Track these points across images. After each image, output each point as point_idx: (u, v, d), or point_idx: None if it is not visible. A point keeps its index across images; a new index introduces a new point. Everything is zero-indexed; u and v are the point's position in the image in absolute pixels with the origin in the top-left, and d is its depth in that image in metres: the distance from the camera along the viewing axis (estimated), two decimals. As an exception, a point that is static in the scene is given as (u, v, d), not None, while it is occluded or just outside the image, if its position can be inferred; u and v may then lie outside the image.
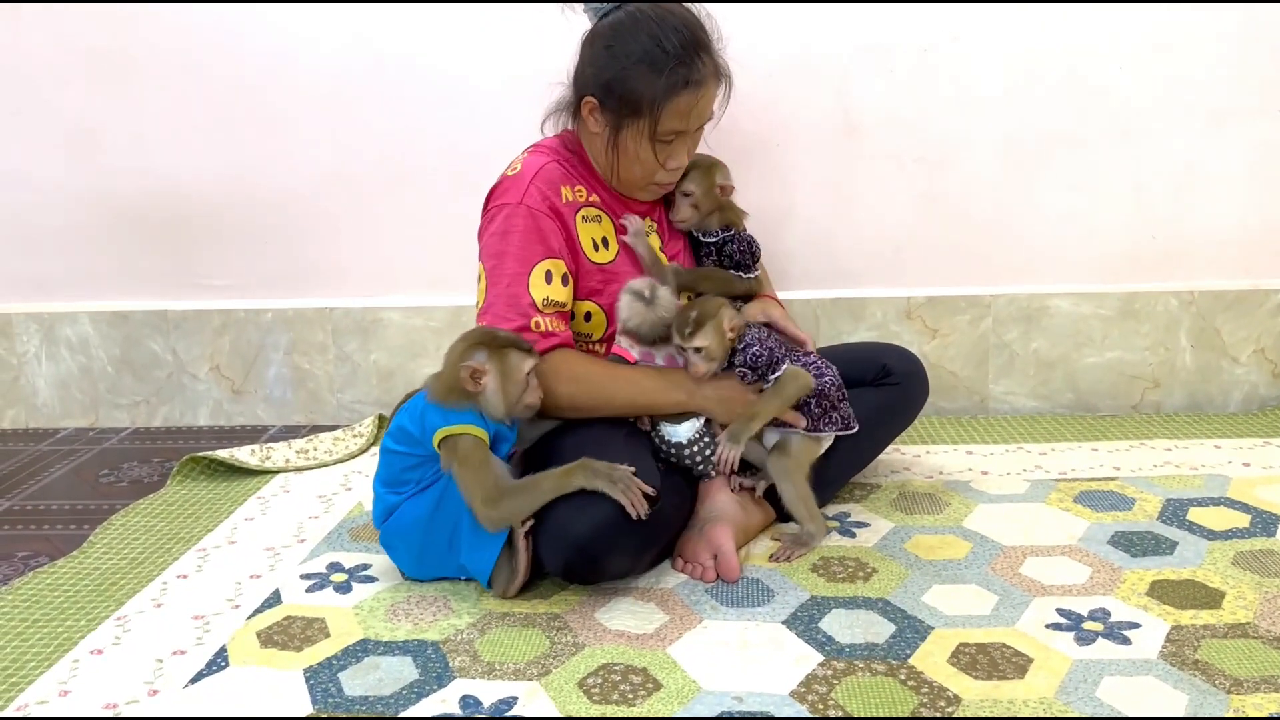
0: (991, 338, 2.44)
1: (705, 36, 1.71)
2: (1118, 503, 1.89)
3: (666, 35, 1.67)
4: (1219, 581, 1.58)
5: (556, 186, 1.76)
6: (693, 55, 1.68)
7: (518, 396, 1.58)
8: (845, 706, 1.29)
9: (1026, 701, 1.29)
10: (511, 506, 1.54)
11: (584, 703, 1.32)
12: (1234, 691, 1.29)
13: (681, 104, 1.68)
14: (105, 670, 1.44)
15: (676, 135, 1.72)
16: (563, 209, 1.75)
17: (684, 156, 1.77)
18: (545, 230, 1.72)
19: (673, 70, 1.66)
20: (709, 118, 1.76)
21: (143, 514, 1.98)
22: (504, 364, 1.57)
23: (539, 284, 1.71)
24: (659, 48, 1.66)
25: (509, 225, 1.72)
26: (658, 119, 1.69)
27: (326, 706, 1.33)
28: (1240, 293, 2.40)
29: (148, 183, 2.49)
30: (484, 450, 1.56)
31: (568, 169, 1.79)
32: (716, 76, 1.74)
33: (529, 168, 1.76)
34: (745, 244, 1.86)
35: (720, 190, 1.84)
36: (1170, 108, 2.33)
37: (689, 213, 1.84)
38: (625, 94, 1.69)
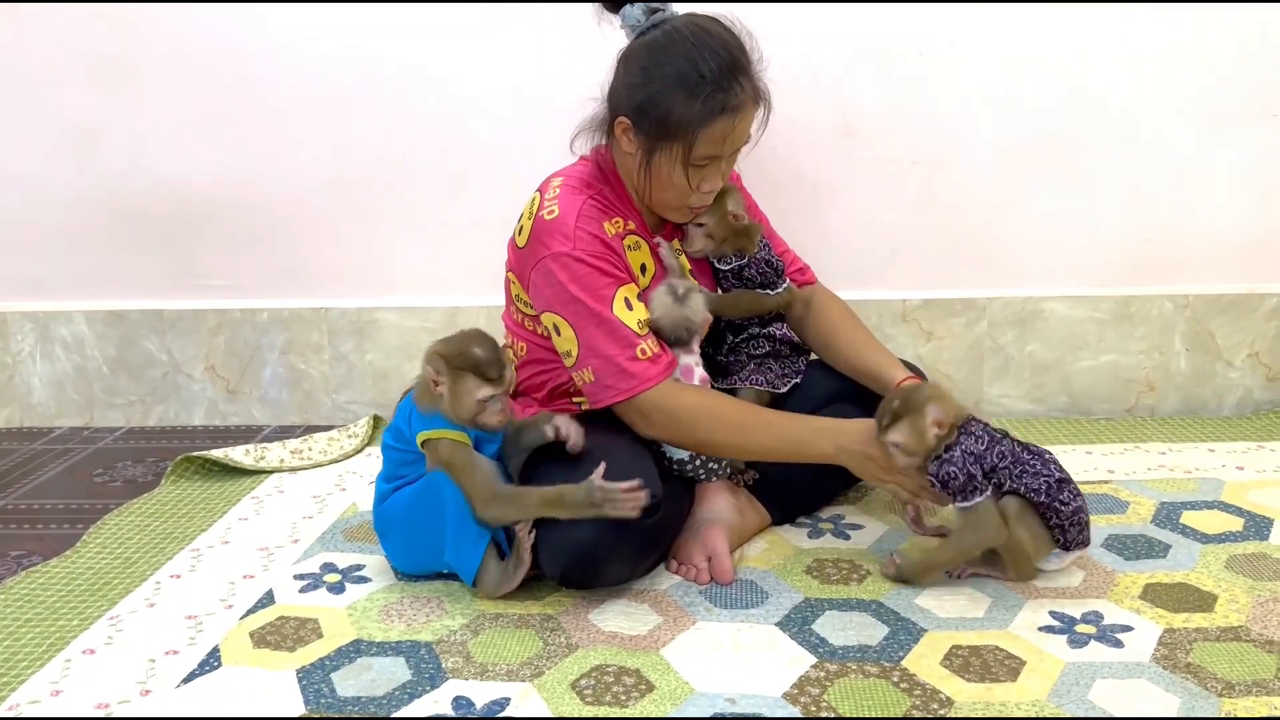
0: (987, 340, 2.44)
1: (745, 59, 1.64)
2: (1112, 506, 1.89)
3: (704, 58, 1.59)
4: (1212, 585, 1.58)
5: (599, 224, 1.68)
6: (731, 79, 1.60)
7: (468, 418, 1.56)
8: (838, 708, 1.29)
9: (1019, 704, 1.29)
10: (499, 512, 1.55)
11: (576, 704, 1.32)
12: (1225, 695, 1.30)
13: (717, 130, 1.61)
14: (97, 670, 1.43)
15: (711, 160, 1.66)
16: (611, 242, 1.69)
17: (718, 180, 1.70)
18: (606, 266, 1.66)
19: (710, 95, 1.59)
20: (745, 141, 1.70)
21: (136, 513, 1.98)
22: (456, 383, 1.55)
23: (624, 312, 1.65)
24: (696, 71, 1.59)
25: (569, 274, 1.64)
26: (692, 144, 1.61)
27: (319, 707, 1.33)
28: (1235, 297, 2.41)
29: (144, 183, 2.49)
30: (466, 452, 1.56)
31: (602, 203, 1.72)
32: (755, 100, 1.65)
33: (568, 210, 1.67)
34: (763, 264, 1.83)
35: (733, 218, 1.79)
36: (1167, 111, 2.33)
37: (703, 242, 1.80)
38: (659, 118, 1.61)
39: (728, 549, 1.67)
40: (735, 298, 1.84)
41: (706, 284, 1.84)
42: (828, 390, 1.87)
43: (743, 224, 1.80)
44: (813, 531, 1.83)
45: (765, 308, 1.85)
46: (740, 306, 1.84)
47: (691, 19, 1.66)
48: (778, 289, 1.85)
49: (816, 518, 1.88)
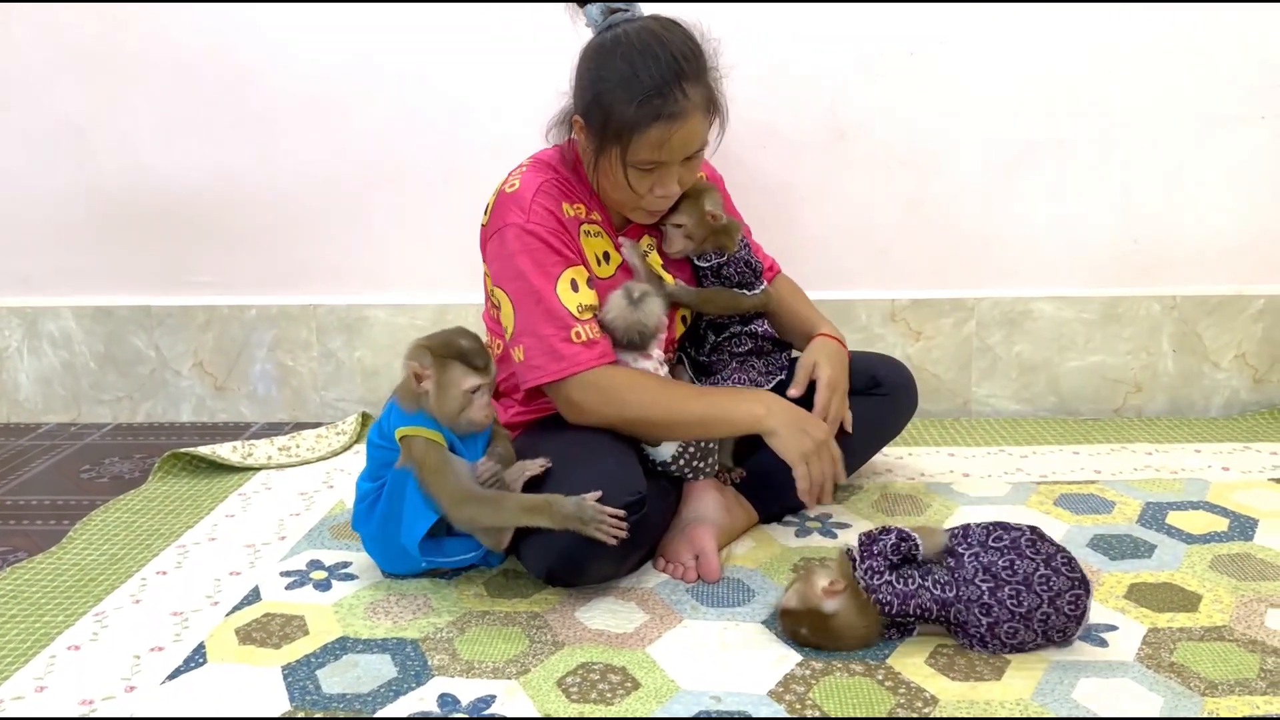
0: (975, 341, 2.45)
1: (692, 66, 1.62)
2: (1098, 506, 1.90)
3: (646, 64, 1.59)
4: (1196, 585, 1.59)
5: (558, 202, 1.70)
6: (672, 86, 1.59)
7: (455, 411, 1.55)
8: (822, 706, 1.29)
9: (1003, 703, 1.29)
10: (474, 514, 1.53)
11: (562, 701, 1.32)
12: (1208, 694, 1.30)
13: (654, 135, 1.60)
14: (82, 666, 1.43)
15: (657, 165, 1.65)
16: (567, 223, 1.71)
17: (673, 185, 1.69)
18: (558, 244, 1.67)
19: (646, 101, 1.58)
20: (697, 148, 1.68)
21: (123, 510, 1.97)
22: (443, 374, 1.54)
23: (567, 293, 1.66)
24: (635, 76, 1.59)
25: (520, 245, 1.66)
26: (627, 147, 1.62)
27: (304, 704, 1.32)
28: (1222, 298, 2.42)
29: (134, 179, 2.49)
30: (439, 452, 1.54)
31: (566, 186, 1.74)
32: (704, 109, 1.64)
33: (528, 185, 1.70)
34: (741, 264, 1.84)
35: (711, 217, 1.79)
36: (1156, 114, 2.34)
37: (682, 243, 1.81)
38: (601, 119, 1.63)
39: (715, 547, 1.67)
40: (713, 295, 1.84)
41: (685, 279, 1.85)
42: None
43: (721, 223, 1.81)
44: (800, 530, 1.83)
45: (741, 307, 1.85)
46: (717, 304, 1.84)
47: (646, 22, 1.65)
48: (755, 290, 1.86)
49: (803, 516, 1.88)
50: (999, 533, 1.43)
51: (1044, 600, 1.37)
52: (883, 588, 1.40)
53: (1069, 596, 1.37)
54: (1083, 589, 1.38)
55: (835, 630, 1.40)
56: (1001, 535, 1.42)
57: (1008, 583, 1.37)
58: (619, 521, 1.48)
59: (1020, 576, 1.37)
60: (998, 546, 1.41)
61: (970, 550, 1.41)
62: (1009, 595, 1.37)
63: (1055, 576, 1.37)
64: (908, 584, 1.39)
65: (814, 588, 1.42)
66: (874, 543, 1.43)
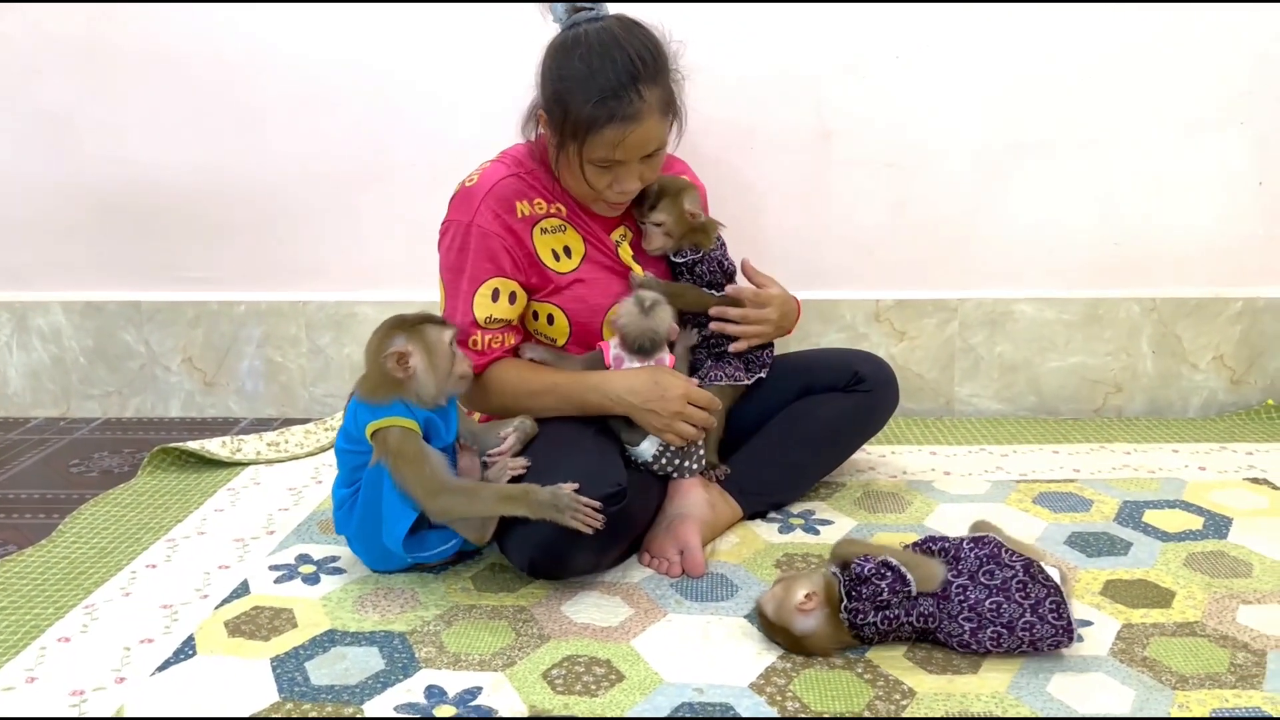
0: (958, 341, 2.48)
1: (650, 69, 1.65)
2: (1076, 504, 1.93)
3: (603, 65, 1.62)
4: (1170, 582, 1.62)
5: (510, 203, 1.75)
6: (627, 88, 1.62)
7: (447, 369, 1.58)
8: (803, 698, 1.32)
9: (979, 695, 1.32)
10: (450, 504, 1.55)
11: (547, 693, 1.34)
12: (1179, 688, 1.33)
13: (609, 135, 1.64)
14: (73, 658, 1.45)
15: (615, 163, 1.69)
16: (516, 225, 1.75)
17: (632, 183, 1.74)
18: (494, 249, 1.74)
19: (600, 102, 1.62)
20: (656, 147, 1.71)
21: (112, 504, 1.99)
22: (424, 340, 1.57)
23: (484, 302, 1.74)
24: (592, 77, 1.63)
25: (459, 243, 1.75)
26: (584, 145, 1.66)
27: (293, 695, 1.34)
28: (1201, 301, 2.45)
29: (123, 174, 2.50)
30: (416, 441, 1.55)
31: (528, 182, 1.78)
32: (661, 110, 1.68)
33: (484, 182, 1.76)
34: (715, 264, 1.86)
35: (690, 216, 1.83)
36: (1138, 119, 2.37)
37: (661, 240, 1.84)
38: (559, 116, 1.67)
39: (700, 543, 1.69)
40: (682, 290, 1.87)
41: (660, 275, 1.88)
42: (796, 384, 1.91)
43: (699, 221, 1.84)
44: (783, 526, 1.86)
45: (708, 306, 1.87)
46: (685, 299, 1.87)
47: (608, 22, 1.68)
48: (724, 291, 1.88)
49: (787, 513, 1.91)
50: (991, 567, 1.41)
51: (1024, 643, 1.38)
52: (866, 627, 1.40)
53: (1050, 642, 1.38)
54: (1066, 636, 1.38)
55: (807, 647, 1.42)
56: (994, 571, 1.40)
57: (992, 624, 1.38)
58: (595, 511, 1.50)
59: (1005, 620, 1.37)
60: (988, 584, 1.39)
61: (959, 581, 1.40)
62: (990, 637, 1.38)
63: (1040, 624, 1.37)
64: (891, 624, 1.40)
65: (790, 599, 1.42)
66: (863, 584, 1.40)
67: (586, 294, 1.80)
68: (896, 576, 1.40)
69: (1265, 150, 2.38)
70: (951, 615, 1.39)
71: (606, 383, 1.72)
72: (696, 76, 1.79)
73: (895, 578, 1.40)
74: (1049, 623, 1.37)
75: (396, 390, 1.57)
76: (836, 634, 1.42)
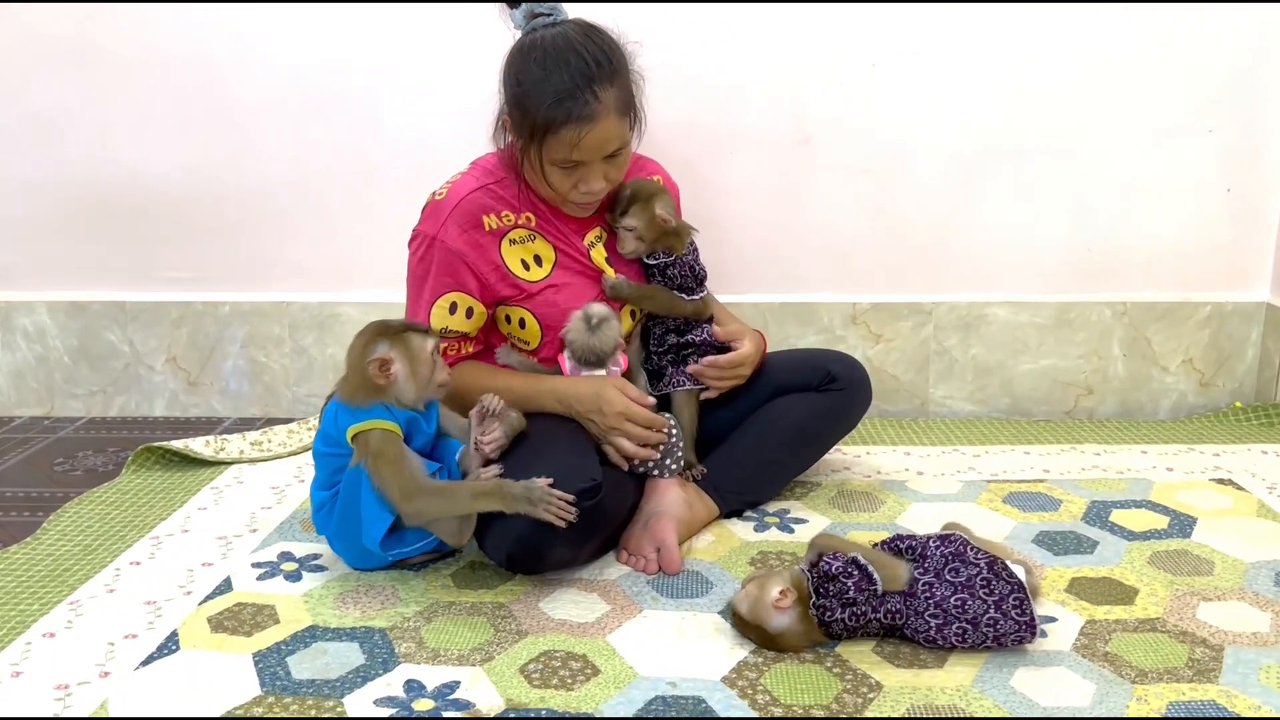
0: (932, 344, 2.52)
1: (605, 70, 1.68)
2: (1045, 504, 1.97)
3: (558, 68, 1.66)
4: (1134, 579, 1.66)
5: (477, 217, 1.79)
6: (581, 90, 1.66)
7: (429, 376, 1.62)
8: (773, 692, 1.36)
9: (944, 689, 1.36)
10: (425, 505, 1.58)
11: (524, 687, 1.37)
12: (1138, 681, 1.37)
13: (566, 136, 1.67)
14: (57, 652, 1.47)
15: (577, 164, 1.73)
16: (483, 240, 1.79)
17: (597, 183, 1.76)
18: (455, 265, 1.78)
19: (556, 103, 1.66)
20: (615, 148, 1.74)
21: (97, 502, 2.01)
22: (407, 348, 1.60)
23: (441, 314, 1.79)
24: (547, 79, 1.66)
25: (422, 254, 1.79)
26: (543, 147, 1.70)
27: (274, 689, 1.37)
28: (1171, 305, 2.50)
29: (108, 174, 2.52)
30: (397, 444, 1.59)
31: (496, 193, 1.81)
32: (619, 111, 1.71)
33: (453, 196, 1.79)
34: (686, 269, 1.89)
35: (661, 220, 1.85)
36: (1108, 126, 2.42)
37: (634, 244, 1.88)
38: (519, 119, 1.71)
39: (676, 541, 1.73)
40: (653, 293, 1.91)
41: (635, 277, 1.91)
42: (771, 384, 1.95)
43: (671, 226, 1.87)
44: (758, 525, 1.89)
45: (678, 310, 1.91)
46: (656, 302, 1.91)
47: (564, 27, 1.72)
48: (694, 296, 1.92)
49: (763, 511, 1.95)
50: (956, 565, 1.45)
51: (988, 638, 1.42)
52: (834, 623, 1.44)
53: (1014, 637, 1.42)
54: (1029, 631, 1.42)
55: (780, 644, 1.45)
56: (959, 569, 1.44)
57: (956, 620, 1.42)
58: (569, 505, 1.53)
59: (969, 617, 1.41)
60: (953, 581, 1.43)
61: (924, 578, 1.44)
62: (955, 633, 1.42)
63: (1003, 620, 1.41)
64: (859, 620, 1.44)
65: (765, 597, 1.45)
66: (831, 581, 1.44)
67: (558, 299, 1.83)
68: (863, 575, 1.44)
69: (1233, 157, 2.43)
70: (918, 612, 1.43)
71: (558, 388, 1.78)
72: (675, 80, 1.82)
73: (862, 576, 1.44)
74: (1012, 619, 1.41)
75: (377, 394, 1.60)
76: (808, 631, 1.45)
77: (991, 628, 1.41)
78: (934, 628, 1.42)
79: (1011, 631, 1.42)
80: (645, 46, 1.78)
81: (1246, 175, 2.44)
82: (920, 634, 1.43)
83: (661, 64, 1.76)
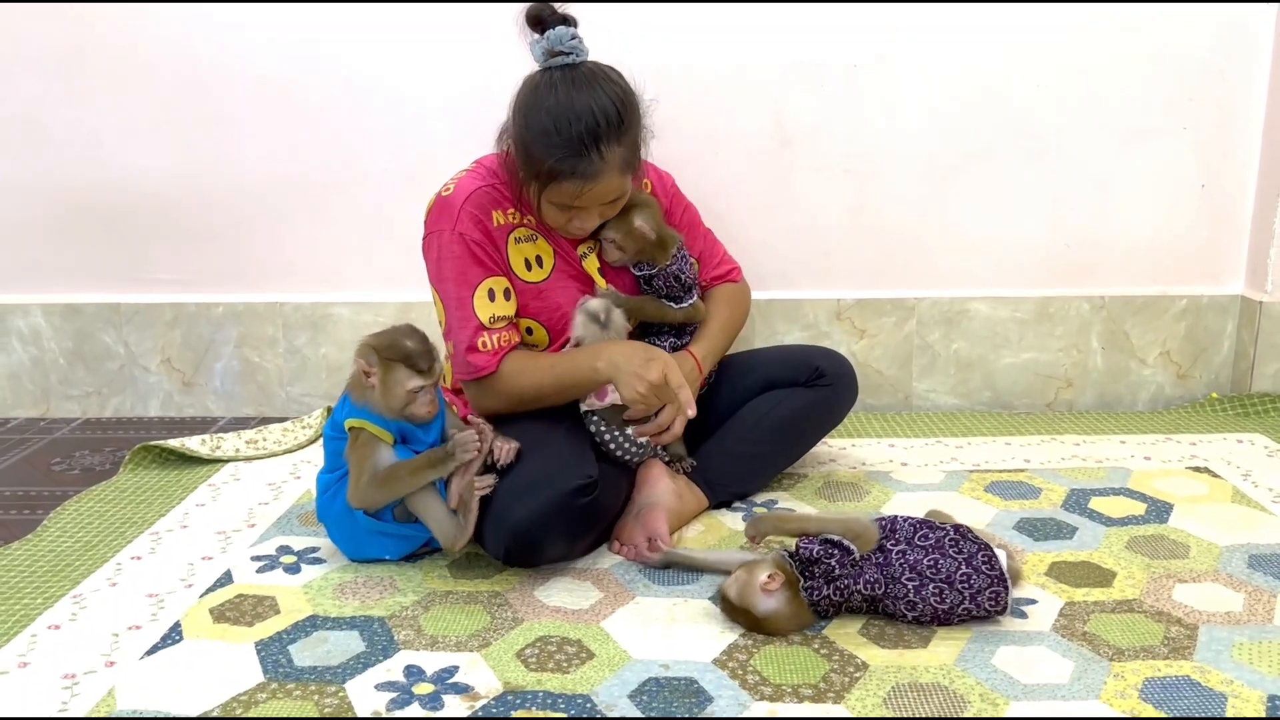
0: (915, 339, 2.57)
1: (615, 129, 1.67)
2: (1025, 492, 2.02)
3: (568, 120, 1.65)
4: (1112, 563, 1.71)
5: (487, 211, 1.80)
6: (589, 148, 1.65)
7: (399, 408, 1.64)
8: (763, 673, 1.40)
9: (928, 668, 1.40)
10: (375, 495, 1.65)
11: (521, 670, 1.41)
12: (1115, 659, 1.42)
13: (567, 189, 1.69)
14: (63, 643, 1.50)
15: (573, 208, 1.74)
16: (494, 232, 1.81)
17: (591, 222, 1.79)
18: (479, 254, 1.80)
19: (562, 159, 1.66)
20: (614, 197, 1.76)
21: (96, 499, 2.04)
22: (387, 374, 1.63)
23: (483, 303, 1.80)
24: (555, 132, 1.65)
25: (446, 252, 1.80)
26: (543, 190, 1.72)
27: (277, 676, 1.40)
28: (1148, 299, 2.56)
29: (100, 178, 2.54)
30: (375, 446, 1.64)
31: (502, 192, 1.83)
32: (622, 168, 1.71)
33: (461, 191, 1.81)
34: (670, 278, 1.92)
35: (639, 234, 1.87)
36: (1084, 126, 2.47)
37: (616, 255, 1.90)
38: (523, 157, 1.72)
39: (667, 530, 1.77)
40: (642, 303, 1.94)
41: (625, 286, 1.94)
42: (760, 379, 2.00)
43: (651, 239, 1.88)
44: (747, 515, 1.94)
45: (669, 319, 1.95)
46: (646, 312, 1.94)
47: (579, 71, 1.69)
48: (683, 303, 1.95)
49: (751, 503, 1.99)
50: (925, 530, 1.52)
51: (965, 597, 1.47)
52: (821, 601, 1.50)
53: (989, 594, 1.47)
54: (1001, 585, 1.48)
55: (768, 627, 1.50)
56: (927, 534, 1.51)
57: (932, 580, 1.47)
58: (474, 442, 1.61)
59: (943, 575, 1.47)
60: (923, 545, 1.50)
61: (898, 548, 1.50)
62: (933, 593, 1.47)
63: (976, 575, 1.47)
64: (843, 594, 1.49)
65: (753, 581, 1.50)
66: (815, 564, 1.49)
67: (561, 301, 1.87)
68: (841, 550, 1.50)
69: (1206, 155, 2.49)
70: (894, 578, 1.48)
71: (597, 351, 1.77)
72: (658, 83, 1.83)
73: (841, 551, 1.50)
74: (984, 574, 1.47)
75: (368, 397, 1.65)
76: (795, 613, 1.50)
77: (966, 583, 1.47)
78: (912, 590, 1.48)
79: (986, 587, 1.47)
80: (626, 48, 1.82)
81: (1220, 172, 2.50)
82: (900, 600, 1.48)
83: (644, 66, 1.78)
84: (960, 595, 1.47)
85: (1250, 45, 2.42)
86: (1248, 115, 2.47)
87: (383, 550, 1.73)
